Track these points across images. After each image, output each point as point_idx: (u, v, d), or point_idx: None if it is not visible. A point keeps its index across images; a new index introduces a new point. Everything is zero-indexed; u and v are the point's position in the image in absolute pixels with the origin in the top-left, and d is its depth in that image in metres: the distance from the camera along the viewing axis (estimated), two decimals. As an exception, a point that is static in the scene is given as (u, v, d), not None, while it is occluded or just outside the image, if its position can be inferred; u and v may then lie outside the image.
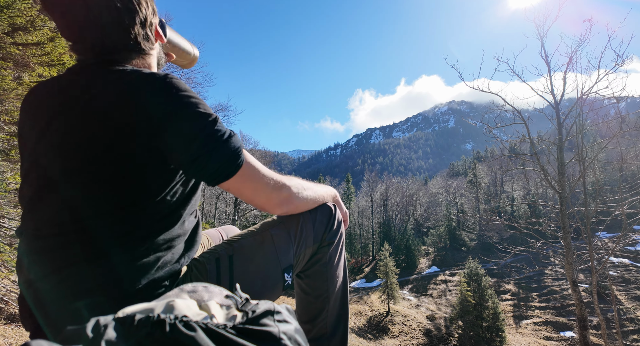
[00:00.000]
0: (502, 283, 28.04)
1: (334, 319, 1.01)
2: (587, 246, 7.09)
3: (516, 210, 35.80)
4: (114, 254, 0.65)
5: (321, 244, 0.99)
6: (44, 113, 0.70)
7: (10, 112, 3.49)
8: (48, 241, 0.66)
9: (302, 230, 0.95)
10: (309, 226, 0.96)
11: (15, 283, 4.38)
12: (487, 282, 20.69)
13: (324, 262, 0.98)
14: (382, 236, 40.04)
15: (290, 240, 0.93)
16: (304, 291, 1.00)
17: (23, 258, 0.69)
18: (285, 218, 0.96)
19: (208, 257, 0.85)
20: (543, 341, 20.51)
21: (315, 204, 0.97)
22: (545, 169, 7.16)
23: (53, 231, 0.66)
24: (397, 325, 22.31)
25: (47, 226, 0.66)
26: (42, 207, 0.67)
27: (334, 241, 1.00)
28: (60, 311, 0.63)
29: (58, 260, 0.64)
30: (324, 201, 1.00)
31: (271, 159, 27.07)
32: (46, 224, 0.66)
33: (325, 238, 0.99)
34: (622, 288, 23.63)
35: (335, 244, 1.00)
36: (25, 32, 3.19)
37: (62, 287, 0.63)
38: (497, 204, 31.30)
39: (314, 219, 0.98)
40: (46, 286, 0.65)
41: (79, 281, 0.63)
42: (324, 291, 0.99)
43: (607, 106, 7.02)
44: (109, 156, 0.64)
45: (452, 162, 79.49)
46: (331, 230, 1.00)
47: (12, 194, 3.77)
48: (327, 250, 0.99)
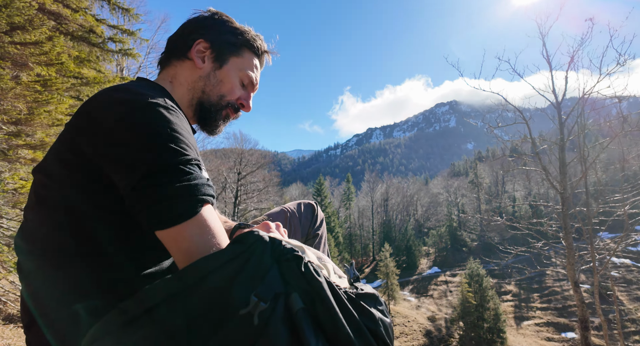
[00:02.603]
0: (503, 284, 27.97)
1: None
2: (589, 246, 7.05)
3: (517, 210, 35.71)
4: (111, 256, 0.64)
5: (307, 237, 1.08)
6: None
7: (8, 112, 3.47)
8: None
9: (290, 225, 1.04)
10: (296, 221, 1.06)
11: (14, 283, 4.36)
12: (488, 283, 20.64)
13: None
14: (382, 237, 39.99)
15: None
16: None
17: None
18: (274, 214, 1.06)
19: None
20: (544, 342, 20.45)
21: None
22: (546, 169, 7.12)
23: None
24: (397, 326, 22.26)
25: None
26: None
27: (318, 234, 1.09)
28: (59, 312, 0.62)
29: (53, 261, 0.64)
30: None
31: (271, 159, 27.09)
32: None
33: (311, 232, 1.09)
34: (624, 289, 23.54)
35: (320, 237, 1.10)
36: (23, 31, 3.18)
37: (59, 289, 0.62)
38: (499, 205, 31.25)
39: (299, 215, 1.07)
40: (43, 287, 0.64)
41: (76, 283, 0.62)
42: None
43: (609, 105, 6.98)
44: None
45: (453, 162, 79.47)
46: (315, 224, 1.10)
47: (11, 194, 3.75)
48: (312, 243, 1.08)
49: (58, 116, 3.69)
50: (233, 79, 0.85)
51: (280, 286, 0.48)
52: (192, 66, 0.83)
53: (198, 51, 0.83)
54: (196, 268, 0.49)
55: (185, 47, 0.83)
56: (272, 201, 23.95)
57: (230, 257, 0.49)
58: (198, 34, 0.84)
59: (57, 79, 3.55)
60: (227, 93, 0.85)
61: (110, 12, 5.30)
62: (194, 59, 0.83)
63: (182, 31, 0.85)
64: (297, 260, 0.51)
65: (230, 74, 0.85)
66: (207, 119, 0.85)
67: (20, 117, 3.44)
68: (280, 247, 0.52)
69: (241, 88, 0.88)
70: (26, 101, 3.37)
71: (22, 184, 3.61)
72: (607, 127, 7.16)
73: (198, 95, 0.83)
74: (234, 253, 0.50)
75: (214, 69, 0.84)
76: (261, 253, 0.50)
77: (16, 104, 3.34)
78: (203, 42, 0.83)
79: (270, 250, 0.51)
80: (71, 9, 4.22)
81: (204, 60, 0.83)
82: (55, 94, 3.55)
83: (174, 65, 0.84)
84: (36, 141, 3.69)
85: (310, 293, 0.48)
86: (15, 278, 4.24)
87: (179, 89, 0.83)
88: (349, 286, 0.59)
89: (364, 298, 0.55)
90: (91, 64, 4.46)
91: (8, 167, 3.65)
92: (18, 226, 4.01)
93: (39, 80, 3.42)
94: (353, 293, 0.54)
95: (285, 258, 0.51)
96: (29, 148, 3.64)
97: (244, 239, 0.52)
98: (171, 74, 0.84)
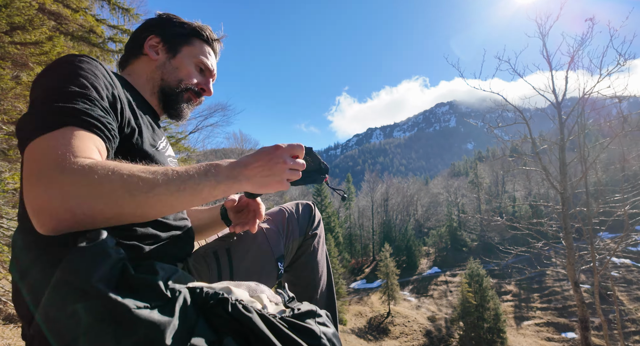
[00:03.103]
0: (503, 284, 27.94)
1: (323, 307, 1.09)
2: (589, 246, 7.04)
3: (518, 210, 35.68)
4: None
5: (305, 237, 1.10)
6: None
7: (8, 112, 3.47)
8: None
9: (288, 224, 1.06)
10: (294, 221, 1.08)
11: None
12: (489, 283, 20.63)
13: (309, 253, 1.09)
14: (382, 237, 39.96)
15: (280, 233, 1.03)
16: (292, 283, 1.10)
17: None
18: (273, 213, 1.08)
19: (205, 251, 0.93)
20: (544, 342, 20.44)
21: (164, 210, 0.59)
22: (547, 169, 7.11)
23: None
24: (397, 326, 22.26)
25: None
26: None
27: (316, 234, 1.12)
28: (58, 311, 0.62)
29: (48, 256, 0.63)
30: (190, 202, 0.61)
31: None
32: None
33: (309, 232, 1.11)
34: (624, 289, 23.52)
35: (318, 236, 1.12)
36: (23, 31, 3.18)
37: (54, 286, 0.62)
38: (499, 205, 31.21)
39: (297, 215, 1.10)
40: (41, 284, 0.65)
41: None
42: (310, 280, 1.09)
43: (609, 105, 6.98)
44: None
45: (453, 162, 79.37)
46: (313, 224, 1.12)
47: (11, 194, 3.75)
48: (311, 242, 1.10)
49: (58, 116, 3.68)
50: (188, 65, 0.92)
51: (211, 334, 0.46)
52: (148, 59, 0.90)
53: (151, 46, 0.90)
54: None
55: (138, 45, 0.91)
56: (271, 200, 23.97)
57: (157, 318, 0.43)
58: (148, 31, 0.91)
59: (57, 79, 3.54)
60: (185, 77, 0.91)
61: (110, 12, 5.31)
62: (148, 53, 0.90)
63: (134, 34, 0.93)
64: (223, 303, 0.49)
65: (184, 60, 0.91)
66: (170, 103, 0.91)
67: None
68: (202, 295, 0.50)
69: (199, 74, 0.95)
70: (26, 101, 3.38)
71: (22, 184, 3.60)
72: (607, 127, 7.16)
73: (158, 83, 0.90)
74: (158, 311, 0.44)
75: (168, 58, 0.91)
76: (184, 308, 0.46)
77: (16, 104, 3.34)
78: (154, 37, 0.91)
79: (192, 302, 0.48)
80: (71, 9, 4.22)
81: (158, 52, 0.91)
82: (55, 94, 3.54)
83: (131, 63, 0.92)
84: (36, 141, 3.68)
85: (243, 333, 0.47)
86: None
87: (138, 80, 0.89)
88: (286, 310, 0.58)
89: (301, 317, 0.54)
90: (91, 64, 4.45)
91: (8, 167, 3.65)
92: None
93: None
94: (289, 315, 0.54)
95: (210, 305, 0.49)
96: (29, 148, 3.63)
97: (162, 297, 0.46)
98: (129, 70, 0.91)
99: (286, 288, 0.67)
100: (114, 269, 0.44)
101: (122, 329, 0.39)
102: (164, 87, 0.90)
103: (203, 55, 0.94)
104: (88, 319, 0.39)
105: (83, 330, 0.38)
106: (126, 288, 0.43)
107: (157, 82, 0.90)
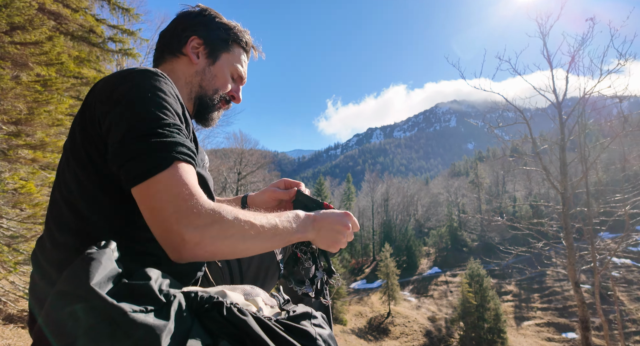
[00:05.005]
0: (503, 284, 27.94)
1: (318, 309, 1.09)
2: (590, 246, 7.03)
3: (518, 210, 35.66)
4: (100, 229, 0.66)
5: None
6: None
7: (8, 112, 3.47)
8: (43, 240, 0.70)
9: None
10: None
11: (14, 283, 4.36)
12: (489, 283, 20.63)
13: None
14: (382, 237, 39.96)
15: None
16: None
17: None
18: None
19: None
20: (545, 342, 20.43)
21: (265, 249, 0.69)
22: (547, 169, 7.10)
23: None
24: (397, 326, 22.25)
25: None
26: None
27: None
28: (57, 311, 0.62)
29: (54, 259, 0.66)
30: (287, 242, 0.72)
31: (271, 159, 27.08)
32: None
33: None
34: (625, 289, 23.49)
35: None
36: (23, 31, 3.17)
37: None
38: (499, 205, 31.22)
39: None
40: (42, 284, 0.67)
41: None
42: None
43: (610, 105, 6.97)
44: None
45: (454, 162, 79.33)
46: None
47: (11, 194, 3.75)
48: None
49: (58, 116, 3.68)
50: (225, 73, 0.91)
51: (206, 338, 0.46)
52: (188, 62, 0.87)
53: (192, 48, 0.87)
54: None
55: (179, 43, 0.87)
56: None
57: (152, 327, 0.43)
58: (191, 30, 0.88)
59: (57, 79, 3.55)
60: (221, 87, 0.90)
61: (110, 12, 5.29)
62: (189, 55, 0.87)
63: (175, 28, 0.89)
64: (218, 307, 0.49)
65: (223, 69, 0.90)
66: (205, 112, 0.91)
67: (20, 117, 3.44)
68: (197, 299, 0.50)
69: (232, 82, 0.95)
70: (26, 101, 3.37)
71: (22, 184, 3.60)
72: (608, 127, 7.15)
73: (196, 89, 0.88)
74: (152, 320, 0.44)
75: (208, 64, 0.89)
76: (179, 312, 0.47)
77: (16, 104, 3.34)
78: (197, 38, 0.87)
79: (186, 306, 0.49)
80: (71, 8, 4.21)
81: (199, 56, 0.88)
82: (55, 94, 3.54)
83: (169, 61, 0.88)
84: (36, 141, 3.69)
85: (238, 336, 0.47)
86: (16, 278, 4.24)
87: (177, 82, 0.86)
88: (281, 312, 0.59)
89: (297, 319, 0.55)
90: (91, 64, 4.47)
91: (8, 167, 3.65)
92: (18, 226, 4.01)
93: (39, 80, 3.41)
94: (285, 318, 0.54)
95: (205, 309, 0.49)
96: (29, 148, 3.63)
97: (157, 302, 0.47)
98: (166, 68, 0.88)
99: (281, 290, 0.68)
100: (112, 276, 0.45)
101: (118, 332, 0.40)
102: (201, 96, 0.88)
103: (239, 64, 0.93)
104: (85, 321, 0.40)
105: (81, 331, 0.40)
106: (122, 294, 0.44)
107: (195, 89, 0.88)
